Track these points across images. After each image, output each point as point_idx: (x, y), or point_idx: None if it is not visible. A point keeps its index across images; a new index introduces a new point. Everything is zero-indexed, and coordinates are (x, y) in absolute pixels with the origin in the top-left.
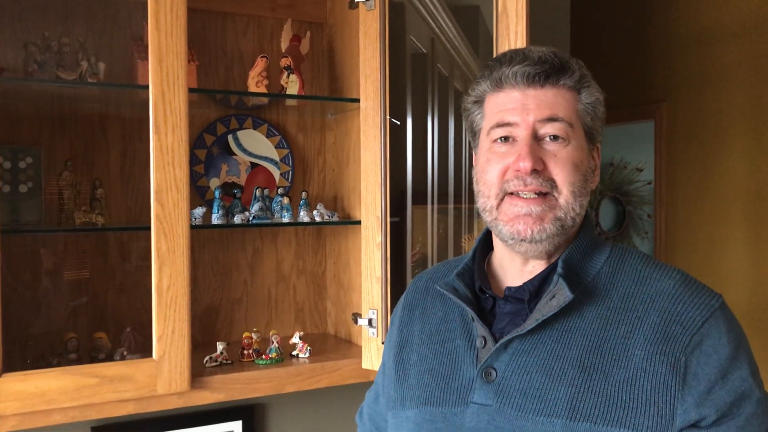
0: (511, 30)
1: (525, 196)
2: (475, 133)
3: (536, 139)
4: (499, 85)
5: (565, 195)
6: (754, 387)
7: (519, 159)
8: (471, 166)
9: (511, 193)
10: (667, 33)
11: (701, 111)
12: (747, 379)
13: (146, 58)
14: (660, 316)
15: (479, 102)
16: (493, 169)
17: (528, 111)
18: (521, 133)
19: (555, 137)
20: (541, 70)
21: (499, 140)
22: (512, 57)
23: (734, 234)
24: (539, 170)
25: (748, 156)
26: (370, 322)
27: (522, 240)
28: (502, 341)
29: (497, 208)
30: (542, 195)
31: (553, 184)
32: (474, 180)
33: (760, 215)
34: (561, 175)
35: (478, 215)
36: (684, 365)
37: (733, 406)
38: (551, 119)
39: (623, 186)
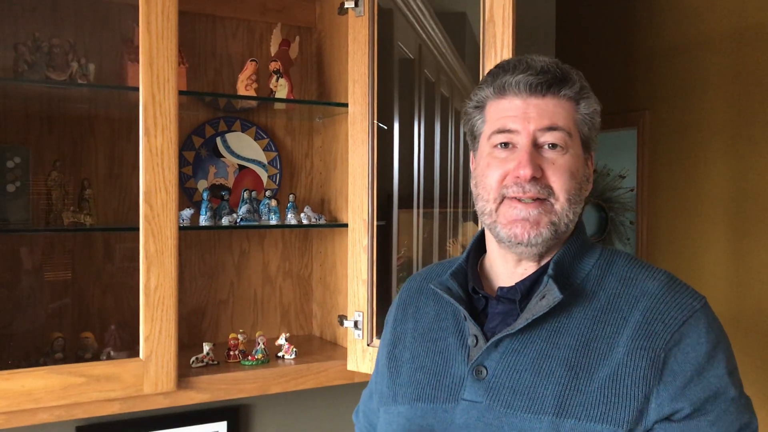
0: (498, 38)
1: (524, 201)
2: (475, 137)
3: (536, 146)
4: (501, 92)
5: (561, 202)
6: (729, 386)
7: (519, 166)
8: (461, 167)
9: (511, 197)
10: (650, 42)
11: (683, 119)
12: (723, 377)
13: (136, 60)
14: (643, 315)
15: (480, 107)
16: (493, 173)
17: (529, 119)
18: (521, 141)
19: (554, 145)
20: (544, 80)
21: (499, 146)
22: (515, 65)
23: (715, 241)
24: (538, 177)
25: (729, 164)
26: (355, 324)
27: (518, 243)
28: (493, 340)
29: (496, 211)
30: (539, 200)
31: (550, 190)
32: (473, 183)
33: (741, 223)
34: (558, 182)
35: (464, 219)
36: (662, 361)
37: (706, 402)
38: (551, 128)
39: (606, 192)
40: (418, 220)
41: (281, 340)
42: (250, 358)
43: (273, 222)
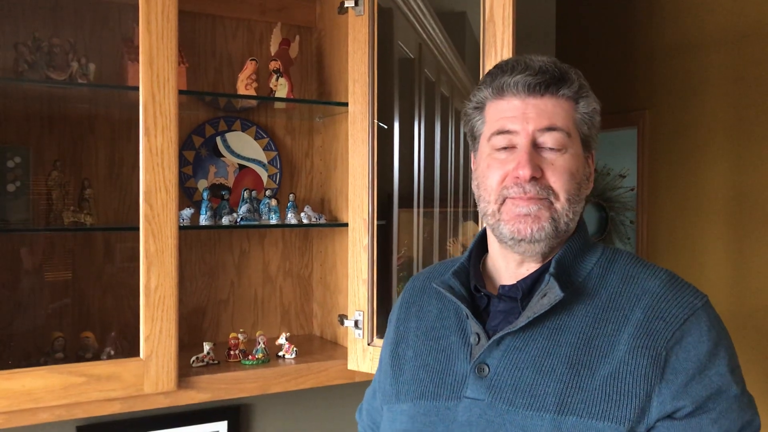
0: (498, 37)
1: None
2: (475, 138)
3: (535, 147)
4: (500, 92)
5: (561, 201)
6: (731, 383)
7: (518, 167)
8: (461, 167)
9: (512, 198)
10: (651, 41)
11: (683, 119)
12: (725, 375)
13: (136, 60)
14: (644, 313)
15: (480, 108)
16: (494, 174)
17: (528, 120)
18: (521, 141)
19: (553, 146)
20: (542, 80)
21: (499, 146)
22: (514, 66)
23: (715, 241)
24: (537, 178)
25: (729, 164)
26: (356, 323)
27: (521, 240)
28: (494, 338)
29: (499, 211)
30: (540, 198)
31: (550, 191)
32: (474, 184)
33: (741, 223)
34: (558, 182)
35: (464, 219)
36: (664, 359)
37: (708, 400)
38: (550, 128)
39: (606, 192)
40: (419, 220)
41: (281, 340)
42: (250, 357)
43: (273, 221)
